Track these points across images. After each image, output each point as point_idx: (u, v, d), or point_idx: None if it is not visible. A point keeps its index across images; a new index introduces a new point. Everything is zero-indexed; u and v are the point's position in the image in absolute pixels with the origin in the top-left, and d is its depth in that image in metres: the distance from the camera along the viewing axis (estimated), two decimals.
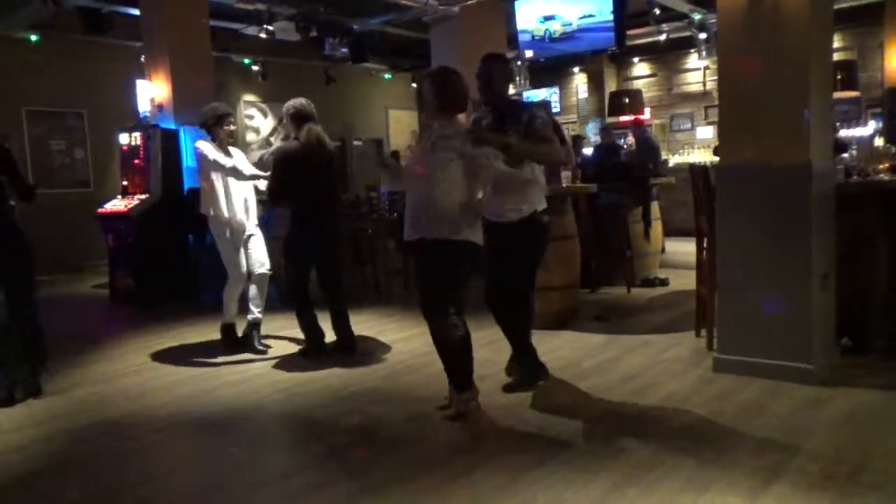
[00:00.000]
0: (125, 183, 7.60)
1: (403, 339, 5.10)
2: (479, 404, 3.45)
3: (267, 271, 4.97)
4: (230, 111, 5.03)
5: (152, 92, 7.82)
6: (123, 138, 7.68)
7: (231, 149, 4.96)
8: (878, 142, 8.50)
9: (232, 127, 4.91)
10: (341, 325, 4.80)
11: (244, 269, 4.90)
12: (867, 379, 3.70)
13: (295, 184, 4.57)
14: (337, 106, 13.83)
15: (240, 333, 5.04)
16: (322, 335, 4.78)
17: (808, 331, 3.63)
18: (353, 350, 4.76)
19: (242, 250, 4.90)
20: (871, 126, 10.39)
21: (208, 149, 4.76)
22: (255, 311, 4.92)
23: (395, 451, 3.10)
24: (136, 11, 8.26)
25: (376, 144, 14.81)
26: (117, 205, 7.42)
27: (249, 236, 4.93)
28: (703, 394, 3.60)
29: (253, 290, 4.91)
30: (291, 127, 4.64)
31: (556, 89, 14.98)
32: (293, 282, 4.74)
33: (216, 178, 4.79)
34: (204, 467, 3.14)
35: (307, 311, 4.74)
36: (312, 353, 4.73)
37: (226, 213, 4.81)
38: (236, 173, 4.79)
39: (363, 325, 5.75)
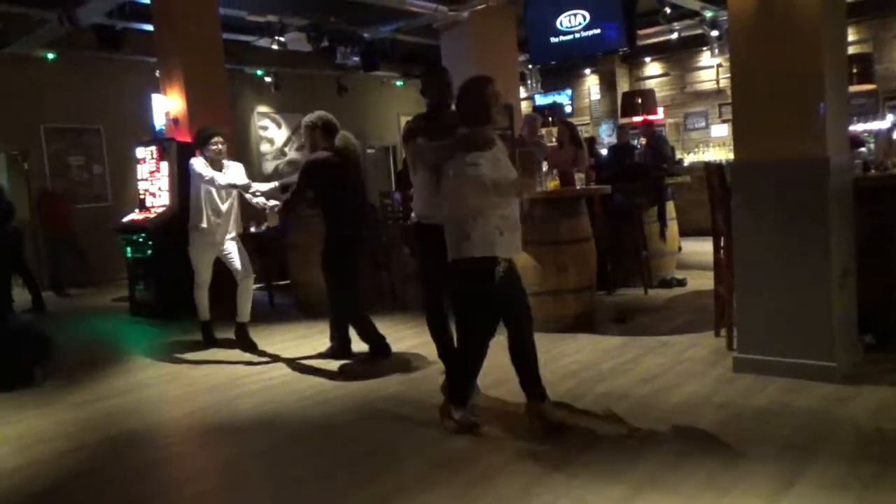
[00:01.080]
0: (143, 196, 7.68)
1: (420, 346, 5.09)
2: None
3: (251, 277, 5.42)
4: (216, 132, 5.32)
5: (167, 106, 7.90)
6: (140, 152, 7.77)
7: (228, 163, 5.39)
8: None
9: (218, 146, 5.25)
10: (370, 330, 4.84)
11: (209, 276, 5.47)
12: (891, 376, 3.63)
13: (333, 192, 4.64)
14: (349, 114, 13.85)
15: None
16: (382, 337, 4.85)
17: (829, 328, 3.58)
18: (389, 352, 4.84)
19: (216, 258, 5.39)
20: (889, 119, 10.25)
21: (197, 164, 5.23)
22: (242, 315, 5.40)
23: (414, 458, 3.10)
24: (150, 27, 8.36)
25: None
26: (135, 218, 7.50)
27: (229, 246, 5.33)
28: (724, 394, 3.57)
29: (241, 295, 5.35)
30: (321, 138, 4.69)
31: (568, 91, 14.96)
32: (337, 289, 4.74)
33: (201, 191, 5.24)
34: (225, 476, 3.16)
35: (366, 317, 4.87)
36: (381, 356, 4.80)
37: (204, 224, 5.25)
38: (212, 183, 5.16)
39: (383, 331, 5.75)
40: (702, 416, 3.29)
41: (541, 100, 14.76)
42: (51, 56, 9.89)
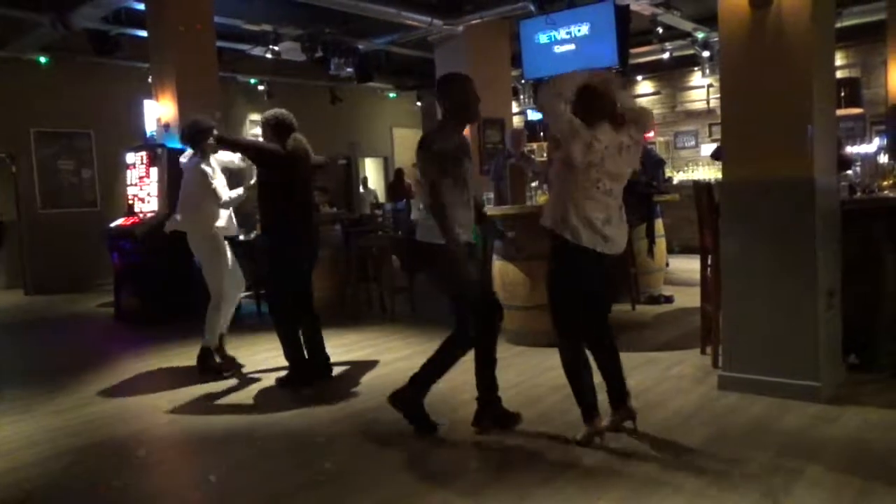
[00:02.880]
0: (131, 202, 7.65)
1: (407, 357, 5.08)
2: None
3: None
4: (212, 125, 4.83)
5: (159, 112, 7.90)
6: (130, 158, 7.74)
7: (212, 161, 4.90)
8: (883, 158, 8.49)
9: (212, 141, 4.77)
10: (318, 349, 4.56)
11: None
12: (875, 397, 3.66)
13: (277, 189, 4.40)
14: (342, 125, 13.94)
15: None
16: (308, 363, 4.52)
17: (814, 348, 3.60)
18: (330, 374, 4.59)
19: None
20: (876, 143, 10.38)
21: (202, 173, 4.76)
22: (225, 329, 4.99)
23: (401, 470, 3.08)
24: (144, 33, 8.36)
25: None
26: (123, 223, 7.46)
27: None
28: (709, 411, 3.58)
29: (230, 309, 4.98)
30: (271, 136, 4.46)
31: None
32: (280, 298, 4.49)
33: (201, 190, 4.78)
34: (208, 486, 3.12)
35: (296, 334, 4.48)
36: (297, 383, 4.47)
37: (222, 223, 4.82)
38: (223, 202, 4.80)
39: (368, 342, 5.75)
40: (687, 434, 3.29)
41: (533, 114, 14.83)
42: (43, 60, 9.86)
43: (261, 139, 4.68)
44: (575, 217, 3.13)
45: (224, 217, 4.86)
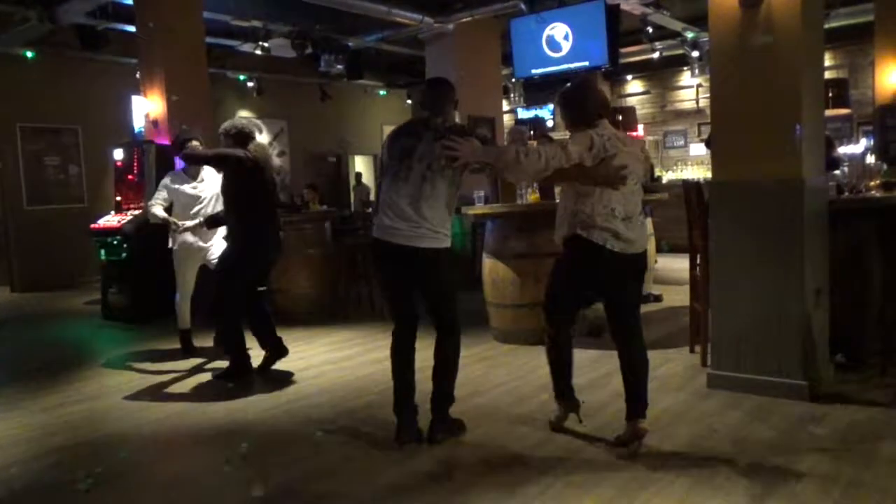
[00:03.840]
0: (119, 199, 7.58)
1: None
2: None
3: None
4: (190, 137, 5.11)
5: (147, 108, 7.84)
6: (118, 154, 7.67)
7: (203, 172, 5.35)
8: (870, 159, 8.55)
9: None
10: (269, 332, 4.73)
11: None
12: (862, 395, 3.68)
13: (243, 197, 4.51)
14: (332, 122, 13.91)
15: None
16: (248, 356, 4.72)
17: (802, 347, 3.62)
18: (286, 352, 4.77)
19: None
20: (863, 143, 10.47)
21: (168, 177, 5.38)
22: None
23: (390, 468, 3.07)
24: (132, 28, 8.29)
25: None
26: (110, 220, 7.39)
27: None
28: (698, 410, 3.59)
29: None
30: (232, 146, 4.54)
31: (550, 106, 15.05)
32: (234, 295, 4.54)
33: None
34: (197, 484, 3.10)
35: (241, 330, 4.65)
36: (239, 376, 4.62)
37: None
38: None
39: (357, 340, 5.73)
40: (675, 432, 3.30)
41: (523, 113, 14.83)
42: (30, 54, 9.74)
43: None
44: (589, 212, 3.06)
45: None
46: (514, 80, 11.74)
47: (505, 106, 12.53)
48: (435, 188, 3.22)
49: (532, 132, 12.57)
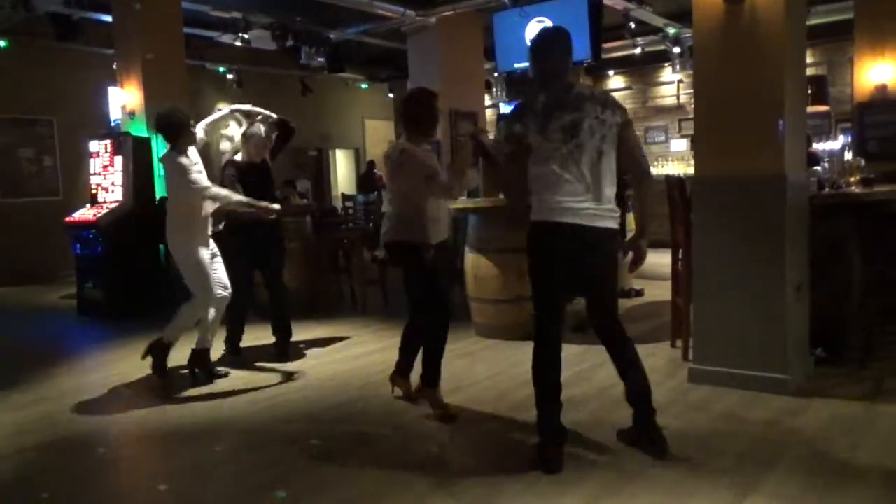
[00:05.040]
0: (95, 191, 7.46)
1: (380, 350, 5.04)
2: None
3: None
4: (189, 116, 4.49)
5: (124, 99, 7.71)
6: (94, 146, 7.54)
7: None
8: (848, 155, 8.64)
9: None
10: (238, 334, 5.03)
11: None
12: (842, 388, 3.72)
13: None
14: (313, 116, 13.78)
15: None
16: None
17: (783, 341, 3.64)
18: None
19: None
20: (841, 140, 10.58)
21: (194, 167, 4.43)
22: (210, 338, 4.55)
23: (374, 465, 3.04)
24: (109, 18, 8.14)
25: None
26: (86, 213, 7.27)
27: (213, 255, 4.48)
28: (680, 405, 3.59)
29: (213, 313, 4.45)
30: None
31: None
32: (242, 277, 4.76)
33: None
34: (174, 482, 3.05)
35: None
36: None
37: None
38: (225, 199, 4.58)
39: (339, 336, 5.68)
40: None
41: (505, 108, 14.82)
42: (3, 44, 9.54)
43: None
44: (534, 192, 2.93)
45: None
46: (496, 74, 11.72)
47: (487, 100, 12.51)
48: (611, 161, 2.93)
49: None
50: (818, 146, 8.95)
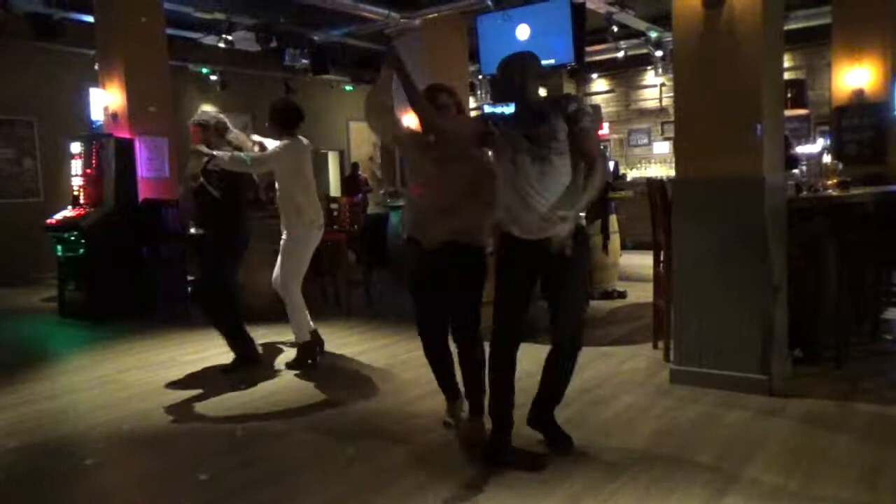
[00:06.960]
0: (76, 193, 7.39)
1: (364, 353, 5.04)
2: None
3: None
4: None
5: (106, 100, 7.65)
6: (75, 147, 7.46)
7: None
8: (826, 158, 8.77)
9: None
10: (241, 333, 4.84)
11: None
12: (818, 388, 3.78)
13: (236, 192, 4.61)
14: None
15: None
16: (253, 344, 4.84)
17: (761, 342, 3.70)
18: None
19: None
20: (820, 143, 10.74)
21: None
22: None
23: (351, 467, 3.05)
24: (90, 18, 8.07)
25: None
26: (68, 215, 7.20)
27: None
28: (660, 405, 3.64)
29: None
30: (216, 139, 4.57)
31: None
32: (225, 282, 4.65)
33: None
34: (156, 486, 3.04)
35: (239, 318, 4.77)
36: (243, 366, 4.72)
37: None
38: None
39: (324, 338, 5.67)
40: (639, 427, 3.34)
41: (489, 110, 14.88)
42: None
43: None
44: None
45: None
46: (480, 76, 11.76)
47: (472, 102, 12.55)
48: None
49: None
50: (797, 149, 9.07)
